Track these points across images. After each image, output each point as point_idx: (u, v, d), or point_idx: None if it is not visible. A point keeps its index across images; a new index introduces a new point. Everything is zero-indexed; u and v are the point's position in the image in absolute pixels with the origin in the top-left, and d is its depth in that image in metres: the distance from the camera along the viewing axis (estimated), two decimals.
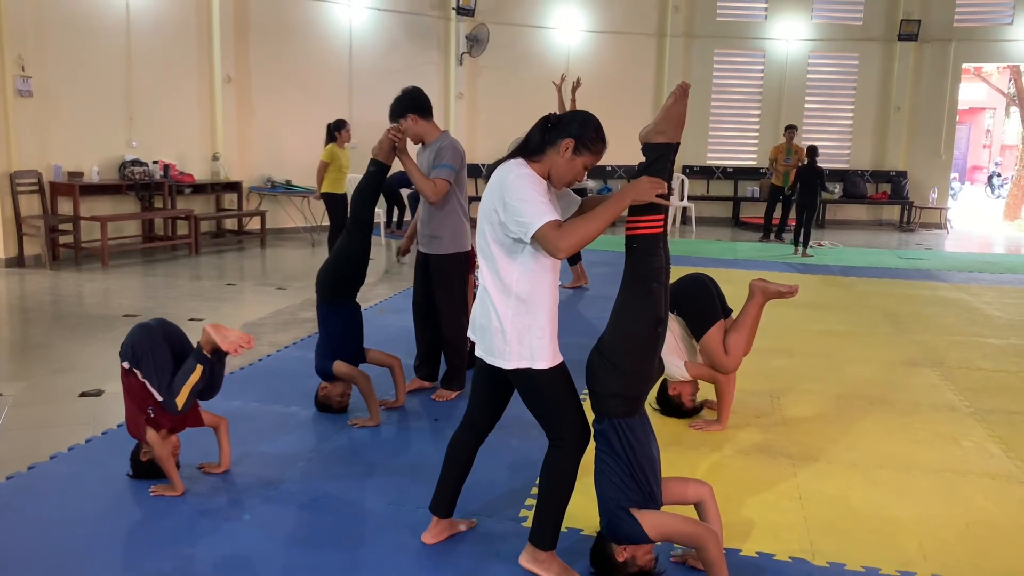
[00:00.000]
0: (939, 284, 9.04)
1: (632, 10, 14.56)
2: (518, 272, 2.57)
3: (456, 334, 4.60)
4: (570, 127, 2.58)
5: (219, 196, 10.81)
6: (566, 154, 2.57)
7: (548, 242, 2.42)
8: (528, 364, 2.59)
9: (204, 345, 3.31)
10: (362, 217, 4.25)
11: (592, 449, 2.72)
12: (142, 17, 9.61)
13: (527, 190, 2.48)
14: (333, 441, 3.99)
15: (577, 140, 2.57)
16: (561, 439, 2.68)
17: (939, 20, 14.58)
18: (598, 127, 2.60)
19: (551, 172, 2.61)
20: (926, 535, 3.19)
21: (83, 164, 9.04)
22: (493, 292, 2.62)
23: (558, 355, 2.65)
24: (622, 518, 2.61)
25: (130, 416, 3.33)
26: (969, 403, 4.83)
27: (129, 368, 3.30)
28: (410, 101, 4.39)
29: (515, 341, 2.59)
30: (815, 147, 11.19)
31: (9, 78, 8.20)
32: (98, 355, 5.40)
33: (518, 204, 2.47)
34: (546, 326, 2.60)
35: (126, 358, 3.31)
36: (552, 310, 2.63)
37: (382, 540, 3.03)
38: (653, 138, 2.61)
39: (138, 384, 3.30)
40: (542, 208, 2.43)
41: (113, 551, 2.90)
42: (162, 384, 3.29)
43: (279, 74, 11.26)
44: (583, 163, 2.59)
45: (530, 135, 2.63)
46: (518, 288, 2.58)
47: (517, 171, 2.54)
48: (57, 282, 7.84)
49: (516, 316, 2.59)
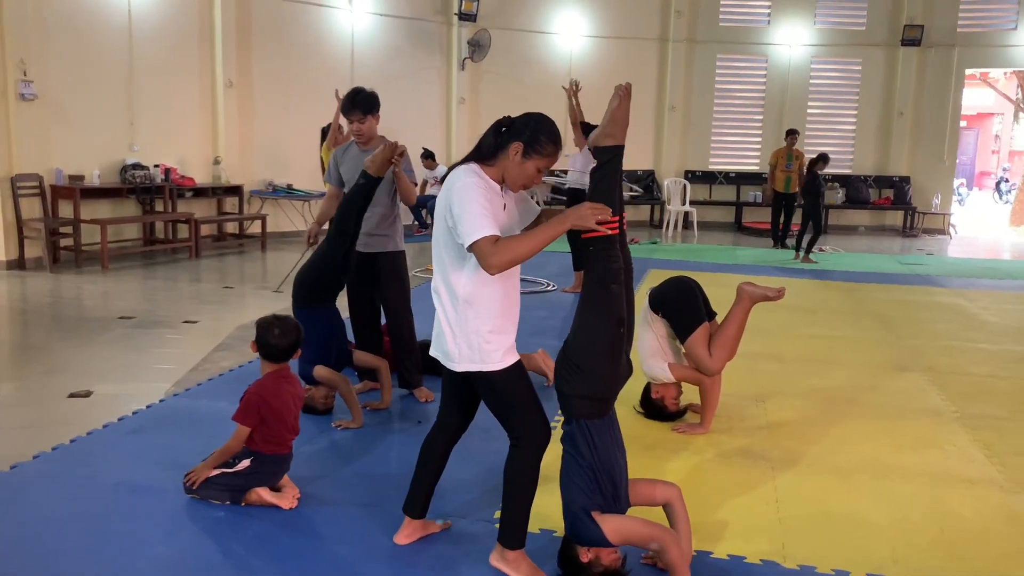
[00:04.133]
0: (937, 289, 9.02)
1: (634, 15, 14.59)
2: (466, 276, 2.60)
3: (411, 331, 4.70)
4: (521, 131, 2.60)
5: (220, 200, 10.88)
6: (516, 158, 2.60)
7: (482, 257, 2.43)
8: (478, 367, 2.62)
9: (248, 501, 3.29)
10: (345, 228, 4.27)
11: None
12: (144, 22, 9.69)
13: (470, 200, 2.49)
14: (315, 443, 4.02)
15: (526, 144, 2.59)
16: (519, 438, 2.71)
17: (943, 25, 14.56)
18: (550, 130, 2.62)
19: (505, 176, 2.64)
20: (899, 539, 3.20)
21: (84, 168, 9.11)
22: (443, 295, 2.66)
23: (511, 357, 2.66)
24: (584, 521, 2.62)
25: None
26: (956, 408, 4.82)
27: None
28: (378, 99, 4.46)
29: (464, 344, 2.62)
30: (825, 155, 10.95)
31: (11, 82, 8.28)
32: (91, 357, 5.44)
33: (460, 212, 2.49)
34: (495, 329, 2.62)
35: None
36: (503, 314, 2.64)
37: (354, 540, 3.05)
38: (601, 142, 2.64)
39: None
40: (481, 221, 2.45)
41: (89, 550, 2.93)
42: (244, 476, 3.28)
43: (281, 79, 11.33)
44: (535, 166, 2.61)
45: (483, 139, 2.66)
46: (466, 292, 2.60)
47: (464, 179, 2.56)
48: (57, 284, 7.91)
49: (464, 320, 2.61)
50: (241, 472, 3.26)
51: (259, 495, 3.26)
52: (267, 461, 3.28)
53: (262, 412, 3.23)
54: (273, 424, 3.26)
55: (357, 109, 4.37)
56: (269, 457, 3.28)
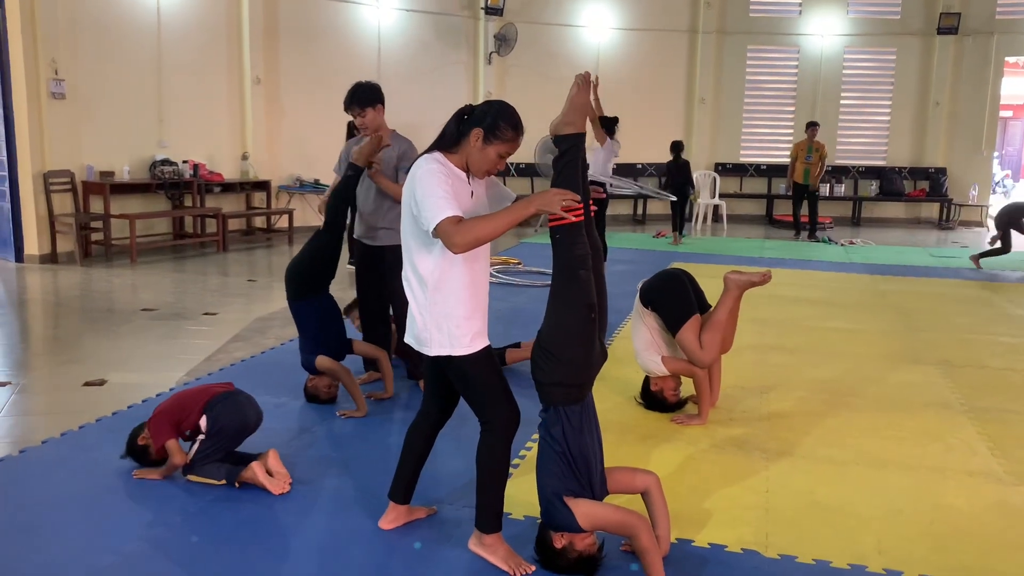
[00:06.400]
0: (965, 282, 8.85)
1: (663, 6, 14.48)
2: (433, 262, 2.64)
3: None
4: (482, 118, 2.64)
5: (248, 195, 11.07)
6: (477, 144, 2.64)
7: (445, 237, 2.48)
8: (448, 352, 2.66)
9: (243, 478, 3.38)
10: (335, 220, 4.33)
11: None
12: (173, 21, 9.88)
13: (432, 185, 2.54)
14: (315, 431, 4.10)
15: (486, 130, 2.63)
16: (488, 422, 2.75)
17: (980, 13, 14.25)
18: (510, 116, 2.65)
19: (468, 163, 2.68)
20: (886, 530, 3.17)
21: (114, 164, 9.33)
22: (413, 282, 2.71)
23: (479, 342, 2.70)
24: (556, 506, 2.66)
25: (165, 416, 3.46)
26: (964, 401, 4.75)
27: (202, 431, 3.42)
28: (379, 92, 4.50)
29: (434, 329, 2.67)
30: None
31: (43, 81, 8.51)
32: (110, 347, 5.60)
33: (422, 199, 2.54)
34: (464, 314, 2.66)
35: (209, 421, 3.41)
36: (471, 299, 2.68)
37: (339, 524, 3.12)
38: (562, 130, 2.67)
39: (190, 426, 3.45)
40: (443, 203, 2.50)
41: (87, 531, 3.03)
42: (200, 456, 3.40)
43: (308, 75, 11.46)
44: (496, 151, 2.65)
45: (446, 127, 2.71)
46: (433, 278, 2.65)
47: (426, 166, 2.61)
48: (86, 277, 8.12)
49: (434, 305, 2.66)
50: (204, 448, 3.40)
51: (253, 472, 3.35)
52: (211, 433, 3.42)
53: (170, 421, 3.42)
54: (185, 412, 3.44)
55: (355, 104, 4.44)
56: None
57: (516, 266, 9.08)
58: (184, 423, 3.45)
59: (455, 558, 2.88)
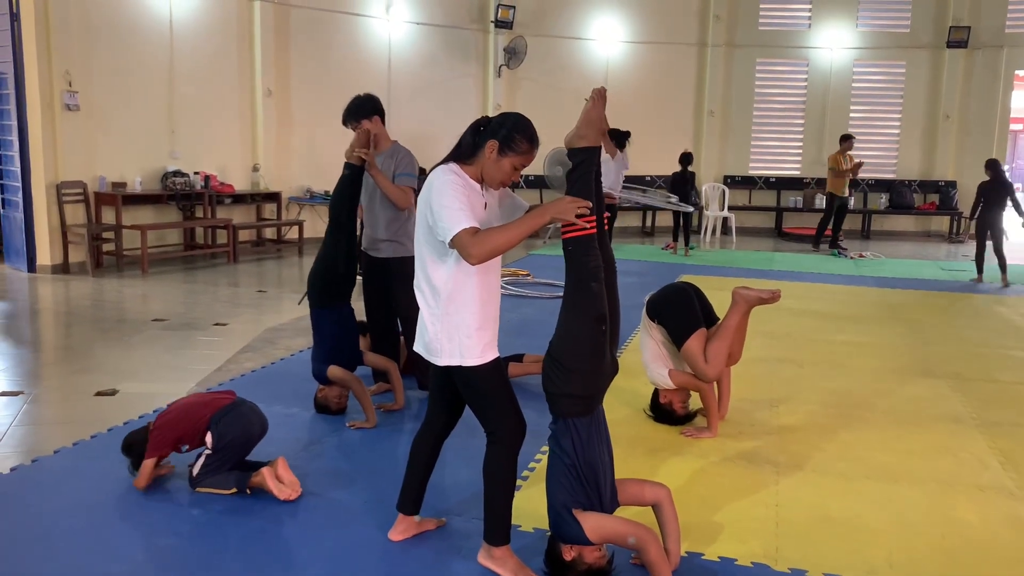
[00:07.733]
0: (976, 296, 8.82)
1: (672, 20, 14.52)
2: (447, 273, 2.66)
3: None
4: (498, 130, 2.67)
5: (259, 206, 11.12)
6: (492, 155, 2.66)
7: (462, 248, 2.50)
8: (459, 362, 2.68)
9: (252, 483, 3.40)
10: (339, 220, 4.37)
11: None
12: (185, 33, 9.97)
13: (449, 196, 2.56)
14: (325, 441, 4.11)
15: (501, 142, 2.65)
16: (494, 433, 2.76)
17: (990, 26, 14.24)
18: (525, 128, 2.68)
19: (483, 174, 2.70)
20: (897, 545, 3.16)
21: (126, 175, 9.40)
22: (426, 292, 2.73)
23: (490, 353, 2.72)
24: (565, 518, 2.66)
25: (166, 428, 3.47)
26: (976, 415, 4.73)
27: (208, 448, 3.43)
28: (376, 103, 4.56)
29: (445, 339, 2.68)
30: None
31: (57, 93, 8.59)
32: (121, 357, 5.62)
33: (439, 209, 2.56)
34: (475, 325, 2.67)
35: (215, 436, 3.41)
36: (483, 310, 2.70)
37: (349, 536, 3.13)
38: (576, 143, 2.68)
39: (192, 442, 3.47)
40: (460, 215, 2.52)
41: (97, 541, 3.05)
42: (206, 471, 3.42)
43: (318, 87, 11.52)
44: (510, 163, 2.68)
45: (462, 139, 2.73)
46: (446, 289, 2.67)
47: (443, 176, 2.63)
48: (98, 288, 8.17)
49: (446, 315, 2.68)
50: (210, 462, 3.40)
51: (263, 477, 3.37)
52: (218, 448, 3.42)
53: (173, 436, 3.43)
54: (188, 427, 3.44)
55: (352, 117, 4.51)
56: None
57: (525, 278, 9.11)
58: (185, 438, 3.45)
59: (465, 571, 2.88)
